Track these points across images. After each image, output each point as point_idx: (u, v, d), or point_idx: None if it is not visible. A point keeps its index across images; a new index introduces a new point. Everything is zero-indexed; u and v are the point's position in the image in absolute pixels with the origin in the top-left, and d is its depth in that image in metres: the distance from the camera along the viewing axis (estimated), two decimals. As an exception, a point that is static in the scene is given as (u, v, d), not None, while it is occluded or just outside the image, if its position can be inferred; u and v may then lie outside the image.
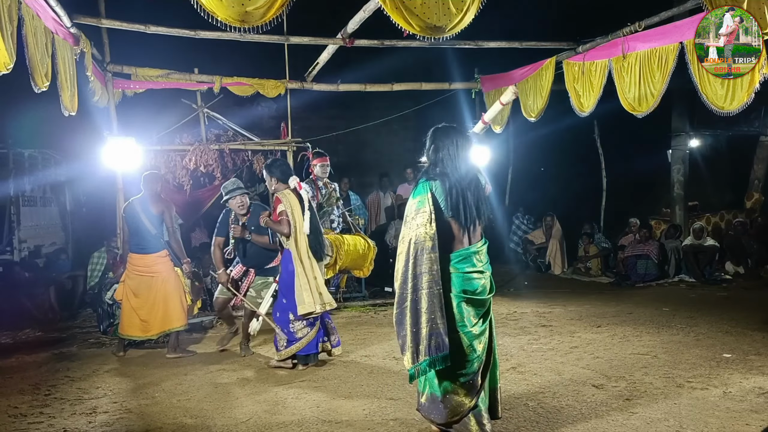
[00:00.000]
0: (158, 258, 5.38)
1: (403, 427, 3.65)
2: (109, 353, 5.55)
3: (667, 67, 5.26)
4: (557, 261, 9.97)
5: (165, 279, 5.38)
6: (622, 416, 3.71)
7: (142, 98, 7.46)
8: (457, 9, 5.20)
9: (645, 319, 6.35)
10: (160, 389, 4.50)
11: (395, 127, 11.71)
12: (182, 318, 5.43)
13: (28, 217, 8.88)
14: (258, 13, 4.70)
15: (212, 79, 7.36)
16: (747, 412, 3.72)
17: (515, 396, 4.12)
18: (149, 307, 5.35)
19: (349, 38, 6.39)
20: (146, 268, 5.37)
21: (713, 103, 4.80)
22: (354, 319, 6.80)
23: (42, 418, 3.94)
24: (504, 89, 7.56)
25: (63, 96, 4.89)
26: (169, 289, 5.39)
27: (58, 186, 9.97)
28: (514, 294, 8.21)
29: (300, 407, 4.03)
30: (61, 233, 9.93)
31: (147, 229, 5.32)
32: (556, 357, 5.03)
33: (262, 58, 7.89)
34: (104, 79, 6.64)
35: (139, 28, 5.84)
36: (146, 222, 5.31)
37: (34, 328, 6.64)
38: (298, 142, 7.64)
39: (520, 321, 6.48)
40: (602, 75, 6.06)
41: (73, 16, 5.13)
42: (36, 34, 4.24)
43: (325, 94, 8.25)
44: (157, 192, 5.47)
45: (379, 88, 8.12)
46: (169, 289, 5.38)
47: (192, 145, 7.36)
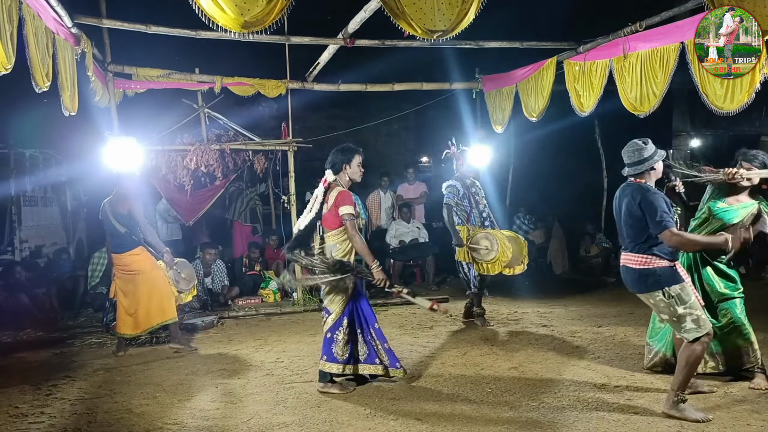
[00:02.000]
0: (132, 256, 5.42)
1: (404, 427, 3.65)
2: (110, 353, 5.55)
3: (668, 66, 5.25)
4: (558, 261, 9.96)
5: (147, 275, 5.43)
6: (623, 416, 3.71)
7: (143, 98, 7.46)
8: (458, 10, 5.20)
9: (646, 319, 6.28)
10: (161, 389, 4.50)
11: (396, 127, 11.73)
12: (172, 311, 5.49)
13: (29, 217, 8.89)
14: (257, 21, 4.72)
15: (213, 79, 7.36)
16: (748, 412, 3.72)
17: (516, 396, 4.12)
18: (136, 304, 5.42)
19: (350, 38, 6.39)
20: (125, 266, 5.45)
21: (713, 103, 4.79)
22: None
23: (43, 418, 3.95)
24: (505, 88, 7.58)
25: (63, 96, 4.89)
26: (153, 284, 5.44)
27: (59, 186, 9.98)
28: (515, 294, 8.21)
29: (301, 407, 4.03)
30: (62, 233, 9.94)
31: (117, 229, 5.40)
32: (557, 357, 5.03)
33: (263, 58, 7.89)
34: (105, 79, 6.64)
35: (140, 28, 5.84)
36: (114, 222, 5.40)
37: (35, 327, 6.64)
38: (299, 142, 7.65)
39: (521, 321, 6.48)
40: (603, 75, 6.05)
41: (74, 16, 5.13)
42: (37, 34, 4.24)
43: (326, 94, 8.25)
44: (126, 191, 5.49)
45: (379, 88, 8.12)
46: (153, 284, 5.44)
47: (193, 145, 7.37)
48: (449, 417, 3.77)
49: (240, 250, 8.90)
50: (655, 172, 3.78)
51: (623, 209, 3.75)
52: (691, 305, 3.61)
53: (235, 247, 9.13)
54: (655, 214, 3.56)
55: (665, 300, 3.63)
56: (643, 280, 3.69)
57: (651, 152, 3.74)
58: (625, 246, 3.80)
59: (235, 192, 9.04)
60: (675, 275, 3.66)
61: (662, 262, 3.64)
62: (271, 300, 7.77)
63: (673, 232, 3.55)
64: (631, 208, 3.68)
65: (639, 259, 3.69)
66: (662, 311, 3.69)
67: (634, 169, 3.76)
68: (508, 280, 8.93)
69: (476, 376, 4.57)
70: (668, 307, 3.63)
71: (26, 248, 8.63)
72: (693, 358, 3.63)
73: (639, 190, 3.69)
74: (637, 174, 3.76)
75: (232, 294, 7.71)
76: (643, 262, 3.67)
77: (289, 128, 7.69)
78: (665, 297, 3.63)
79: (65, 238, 9.94)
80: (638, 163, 3.74)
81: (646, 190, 3.68)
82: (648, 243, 3.65)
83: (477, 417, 3.77)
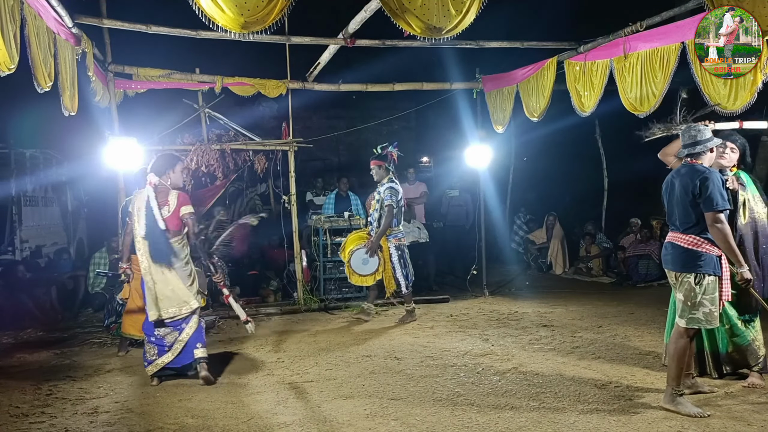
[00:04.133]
0: None
1: (404, 427, 3.65)
2: (111, 353, 5.55)
3: (668, 67, 5.24)
4: (558, 261, 9.97)
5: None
6: (624, 416, 3.71)
7: (143, 98, 7.46)
8: (458, 10, 5.19)
9: (646, 319, 6.34)
10: (161, 389, 4.50)
11: (396, 127, 11.72)
12: None
13: (30, 217, 8.90)
14: (257, 21, 4.72)
15: (213, 79, 7.36)
16: (749, 412, 3.72)
17: (517, 396, 4.12)
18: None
19: (351, 38, 6.39)
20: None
21: (716, 102, 4.78)
22: (355, 320, 6.79)
23: (43, 418, 3.95)
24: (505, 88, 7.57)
25: (63, 96, 4.90)
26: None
27: (59, 186, 9.98)
28: (516, 294, 8.21)
29: (301, 407, 4.03)
30: (62, 233, 9.94)
31: None
32: (557, 357, 5.03)
33: (264, 58, 7.89)
34: (106, 79, 6.64)
35: (141, 28, 5.84)
36: None
37: (36, 327, 6.64)
38: (300, 142, 7.65)
39: (522, 321, 6.48)
40: (603, 75, 6.04)
41: (75, 17, 5.13)
42: (39, 34, 4.24)
43: (327, 94, 8.25)
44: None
45: (380, 88, 8.12)
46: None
47: (193, 145, 7.36)
48: (449, 417, 3.77)
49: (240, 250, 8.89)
50: (712, 155, 3.82)
51: (678, 189, 3.75)
52: (713, 300, 3.65)
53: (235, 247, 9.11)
54: (709, 193, 3.57)
55: (693, 283, 3.65)
56: (686, 258, 3.70)
57: (708, 135, 3.78)
58: (675, 227, 3.79)
59: (235, 192, 9.04)
60: (717, 266, 3.68)
61: (713, 249, 3.66)
62: (272, 300, 7.77)
63: (720, 217, 3.56)
64: (687, 187, 3.68)
65: (689, 239, 3.69)
66: (683, 291, 3.70)
67: (693, 149, 3.76)
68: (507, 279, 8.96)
69: (476, 376, 4.57)
70: (691, 291, 3.65)
71: (27, 248, 8.63)
72: (679, 350, 3.73)
73: (697, 170, 3.69)
74: (694, 155, 3.77)
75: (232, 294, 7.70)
76: (694, 243, 3.68)
77: (289, 128, 7.69)
78: (694, 281, 3.65)
79: (66, 238, 9.94)
80: (695, 144, 3.76)
81: (706, 170, 3.69)
82: (701, 225, 3.66)
83: (477, 417, 3.77)
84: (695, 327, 3.70)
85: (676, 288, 3.81)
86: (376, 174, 6.63)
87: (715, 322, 3.69)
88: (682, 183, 3.72)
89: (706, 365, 4.29)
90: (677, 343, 3.76)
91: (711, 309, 3.64)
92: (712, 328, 3.80)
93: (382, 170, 6.61)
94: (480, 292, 7.99)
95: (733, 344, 4.18)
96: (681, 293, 3.72)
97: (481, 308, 7.20)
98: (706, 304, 3.64)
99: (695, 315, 3.66)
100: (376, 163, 6.63)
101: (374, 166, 6.63)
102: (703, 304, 3.64)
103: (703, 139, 3.76)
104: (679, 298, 3.75)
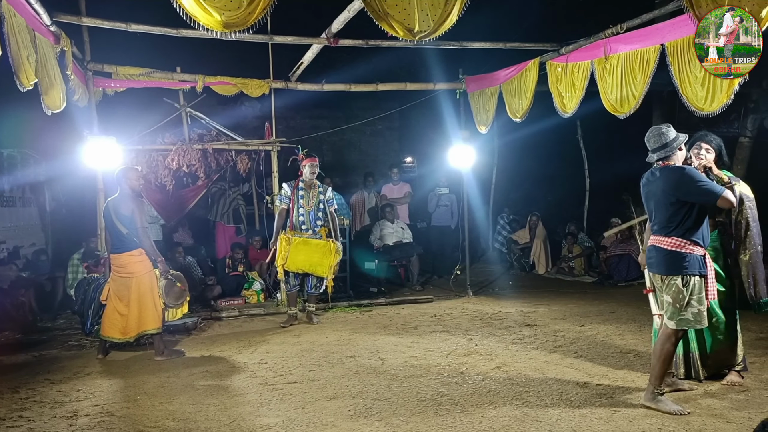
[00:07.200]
0: (131, 257, 5.32)
1: (388, 427, 3.65)
2: (90, 355, 5.47)
3: (648, 68, 5.30)
4: (541, 261, 10.03)
5: (139, 280, 5.32)
6: (605, 414, 3.74)
7: (123, 97, 7.35)
8: (440, 11, 5.21)
9: (627, 318, 6.42)
10: (142, 392, 4.45)
11: (380, 128, 11.72)
12: (156, 321, 5.34)
13: (7, 218, 8.73)
14: (239, 21, 4.69)
15: (195, 78, 7.29)
16: (728, 409, 3.78)
17: (501, 395, 4.13)
18: (127, 308, 5.31)
19: (334, 38, 6.37)
20: (121, 268, 5.34)
21: (693, 104, 4.84)
22: (339, 320, 6.78)
23: (21, 422, 3.87)
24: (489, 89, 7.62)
25: (44, 95, 4.80)
26: (143, 290, 5.32)
27: (37, 186, 9.79)
28: (499, 294, 8.25)
29: (284, 409, 4.00)
30: (40, 234, 9.76)
31: (118, 229, 5.31)
32: (540, 356, 5.07)
33: (246, 57, 7.83)
34: (84, 78, 6.54)
35: (120, 26, 5.76)
36: (117, 222, 5.30)
37: (13, 330, 6.50)
38: (283, 142, 7.61)
39: (505, 320, 6.51)
40: (585, 76, 6.10)
41: (53, 14, 5.04)
42: (19, 32, 4.17)
43: (310, 94, 8.22)
44: (130, 189, 5.37)
45: (363, 88, 8.10)
46: (142, 290, 5.32)
47: (174, 145, 7.29)
48: (433, 417, 3.78)
49: (223, 251, 8.83)
50: (682, 153, 3.83)
51: (657, 193, 3.76)
52: (700, 300, 3.69)
53: (218, 248, 9.05)
54: (700, 187, 3.60)
55: (680, 285, 3.68)
56: (671, 261, 3.71)
57: (674, 134, 3.79)
58: (658, 229, 3.80)
59: (217, 192, 8.96)
60: (702, 266, 3.71)
61: (696, 249, 3.69)
62: (255, 301, 7.72)
63: (726, 195, 3.58)
64: (668, 189, 3.69)
65: (672, 241, 3.71)
66: (671, 294, 3.72)
67: (663, 152, 3.77)
68: (491, 279, 9.01)
69: (460, 376, 4.58)
70: (680, 293, 3.68)
71: (4, 249, 8.47)
72: (666, 351, 3.77)
73: (673, 171, 3.71)
74: (666, 157, 3.78)
75: (214, 294, 7.66)
76: (677, 245, 3.70)
77: (272, 128, 7.65)
78: (682, 283, 3.68)
79: (44, 238, 9.78)
80: (665, 147, 3.77)
81: (681, 168, 3.70)
82: (683, 227, 3.67)
83: (461, 417, 3.77)
84: (685, 328, 3.74)
85: (663, 291, 3.82)
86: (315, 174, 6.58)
87: (704, 323, 3.73)
88: (662, 186, 3.74)
89: (691, 367, 4.29)
90: (665, 345, 3.78)
91: (699, 309, 3.68)
92: (701, 328, 3.83)
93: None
94: (464, 292, 8.02)
95: (718, 343, 4.22)
96: (669, 296, 3.74)
97: (465, 308, 7.23)
98: (695, 305, 3.68)
99: (684, 316, 3.69)
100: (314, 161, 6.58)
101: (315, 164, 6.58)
102: (691, 304, 3.67)
103: (670, 139, 3.78)
104: (668, 301, 3.76)
